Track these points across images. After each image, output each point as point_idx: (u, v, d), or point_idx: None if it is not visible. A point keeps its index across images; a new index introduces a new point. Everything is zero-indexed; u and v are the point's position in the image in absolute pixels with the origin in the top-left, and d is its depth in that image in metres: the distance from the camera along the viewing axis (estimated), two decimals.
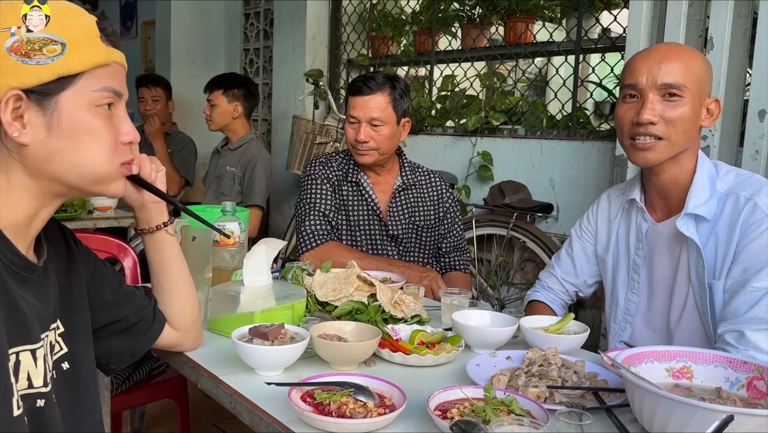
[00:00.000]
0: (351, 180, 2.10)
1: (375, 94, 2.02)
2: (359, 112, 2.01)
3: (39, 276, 0.91)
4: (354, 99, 2.04)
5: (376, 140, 2.02)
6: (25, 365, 0.83)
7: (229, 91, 3.31)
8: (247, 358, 1.16)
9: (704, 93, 1.40)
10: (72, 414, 0.95)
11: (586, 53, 3.00)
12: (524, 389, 1.09)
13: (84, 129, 0.87)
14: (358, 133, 2.01)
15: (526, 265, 3.07)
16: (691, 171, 1.43)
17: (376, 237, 2.09)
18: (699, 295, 1.43)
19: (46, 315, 0.91)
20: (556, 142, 2.92)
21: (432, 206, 2.18)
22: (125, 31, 5.79)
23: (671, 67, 1.37)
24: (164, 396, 2.08)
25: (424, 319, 1.49)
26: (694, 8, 2.22)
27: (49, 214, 0.93)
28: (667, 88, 1.37)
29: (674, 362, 1.13)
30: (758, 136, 2.03)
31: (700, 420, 0.85)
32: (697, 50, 1.44)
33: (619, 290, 1.59)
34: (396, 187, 2.13)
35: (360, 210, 2.09)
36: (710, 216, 1.39)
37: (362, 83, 2.04)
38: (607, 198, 1.66)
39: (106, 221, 2.99)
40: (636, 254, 1.54)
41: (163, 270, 1.19)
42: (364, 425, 0.95)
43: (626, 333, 1.58)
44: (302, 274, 1.57)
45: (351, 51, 4.09)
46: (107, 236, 2.08)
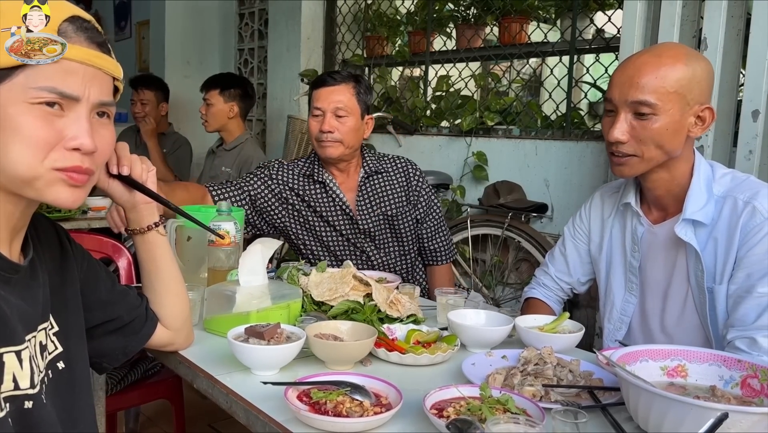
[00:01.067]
0: (317, 180, 2.06)
1: (339, 85, 2.01)
2: (323, 103, 2.00)
3: (24, 276, 0.90)
4: (318, 91, 2.02)
5: (341, 131, 1.99)
6: (9, 366, 0.81)
7: (225, 91, 3.31)
8: (244, 358, 1.16)
9: (691, 101, 1.35)
10: (69, 414, 0.94)
11: (581, 54, 3.02)
12: (520, 388, 1.09)
13: (9, 126, 0.81)
14: (323, 123, 1.99)
15: (521, 265, 3.08)
16: (684, 177, 1.42)
17: (348, 234, 2.06)
18: (698, 299, 1.43)
19: (32, 316, 0.89)
20: (550, 143, 2.93)
21: (402, 192, 2.13)
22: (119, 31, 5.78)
23: (642, 83, 1.34)
24: (159, 397, 2.08)
25: (420, 318, 1.49)
26: (688, 9, 2.23)
27: (22, 213, 0.90)
28: (637, 105, 1.35)
29: (669, 360, 1.14)
30: (752, 137, 2.04)
31: (694, 418, 0.86)
32: (686, 55, 1.36)
33: (614, 291, 1.59)
34: (360, 178, 2.09)
35: (329, 209, 2.06)
36: (708, 221, 1.39)
37: (327, 76, 2.04)
38: (600, 197, 1.66)
39: (100, 222, 2.98)
40: (632, 256, 1.54)
41: (154, 270, 1.19)
42: (361, 424, 0.95)
43: (621, 333, 1.58)
44: (298, 274, 1.57)
45: (346, 51, 4.09)
46: (102, 237, 2.08)
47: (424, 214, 2.16)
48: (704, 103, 1.37)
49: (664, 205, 1.48)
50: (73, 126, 0.85)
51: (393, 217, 2.10)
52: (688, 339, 1.45)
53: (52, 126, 0.84)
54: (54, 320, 0.95)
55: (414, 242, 2.17)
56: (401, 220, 2.11)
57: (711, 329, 1.42)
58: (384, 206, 2.09)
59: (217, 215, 1.55)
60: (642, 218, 1.51)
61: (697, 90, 1.35)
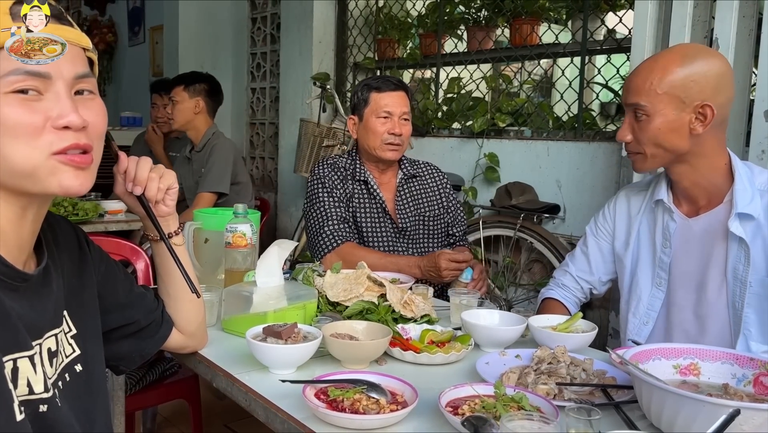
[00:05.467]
0: (358, 179, 2.12)
1: (401, 91, 2.10)
2: (393, 107, 2.06)
3: (36, 284, 0.88)
4: (383, 94, 2.07)
5: (406, 135, 2.08)
6: (23, 371, 0.81)
7: (190, 87, 3.25)
8: (262, 357, 1.18)
9: (688, 100, 1.39)
10: (87, 416, 0.94)
11: (592, 54, 3.02)
12: (534, 386, 1.11)
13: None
14: (395, 126, 2.05)
15: (533, 266, 3.08)
16: (712, 172, 1.46)
17: (385, 233, 2.12)
18: (732, 291, 1.45)
19: (39, 323, 0.88)
20: (562, 144, 2.93)
21: (435, 196, 2.22)
22: (133, 36, 5.85)
23: (633, 85, 1.44)
24: (177, 397, 2.10)
25: (434, 318, 1.51)
26: (700, 9, 2.23)
27: (32, 221, 0.87)
28: (633, 107, 1.45)
29: (681, 359, 1.15)
30: (764, 136, 2.04)
31: (707, 415, 0.87)
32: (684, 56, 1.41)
33: (641, 286, 1.60)
34: (399, 180, 2.17)
35: (369, 208, 2.11)
36: (757, 214, 1.42)
37: (387, 80, 2.10)
38: (625, 196, 1.69)
39: (117, 225, 3.02)
40: (663, 252, 1.55)
41: (169, 276, 1.20)
42: (378, 421, 0.97)
43: (648, 327, 1.58)
44: (313, 275, 1.60)
45: (357, 54, 4.12)
46: (120, 239, 2.11)
47: (452, 219, 2.25)
48: (705, 100, 1.39)
49: (693, 197, 1.51)
50: (55, 106, 0.81)
51: (428, 218, 2.18)
52: (717, 329, 1.47)
53: (34, 110, 0.80)
54: (72, 323, 0.96)
55: (443, 241, 2.24)
56: (435, 222, 2.20)
57: (743, 323, 1.42)
58: (421, 208, 2.18)
59: (234, 218, 1.58)
60: (675, 213, 1.53)
61: (696, 88, 1.39)
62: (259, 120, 4.91)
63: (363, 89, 2.13)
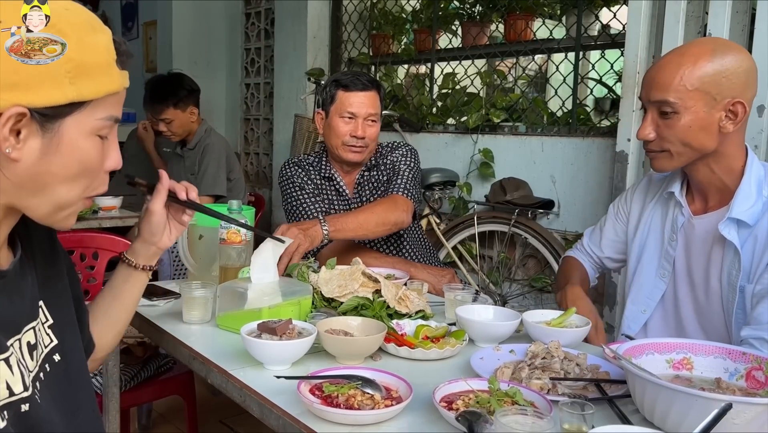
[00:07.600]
0: (324, 176, 2.08)
1: (370, 91, 1.99)
2: (358, 108, 1.96)
3: (12, 278, 0.88)
4: (351, 94, 1.97)
5: (371, 137, 1.99)
6: (1, 375, 0.80)
7: (179, 103, 3.17)
8: (257, 353, 1.18)
9: (719, 96, 1.33)
10: (69, 404, 0.94)
11: (586, 50, 3.03)
12: (527, 381, 1.11)
13: (79, 158, 0.83)
14: (357, 129, 1.96)
15: (527, 261, 3.09)
16: (729, 172, 1.42)
17: None
18: (726, 297, 1.43)
19: (18, 317, 0.87)
20: (556, 139, 2.94)
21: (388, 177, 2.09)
22: (126, 32, 5.82)
23: (663, 82, 1.35)
24: (172, 393, 2.11)
25: (428, 314, 1.51)
26: (693, 5, 2.24)
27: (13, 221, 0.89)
28: (659, 105, 1.37)
29: (674, 353, 1.16)
30: (757, 132, 2.05)
31: (699, 409, 0.87)
32: (712, 51, 1.33)
33: (644, 274, 1.59)
34: (357, 178, 2.09)
35: (336, 204, 2.07)
36: (752, 221, 1.38)
37: (356, 79, 1.99)
38: (647, 181, 1.67)
39: (111, 221, 3.02)
40: (669, 245, 1.54)
41: (122, 303, 1.19)
42: (372, 416, 0.97)
43: (644, 316, 1.58)
44: (308, 271, 1.59)
45: (352, 50, 4.11)
46: (115, 236, 2.10)
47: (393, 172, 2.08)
48: (736, 97, 1.33)
49: (705, 194, 1.48)
50: (113, 149, 0.88)
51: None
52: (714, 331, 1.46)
53: (103, 152, 0.86)
54: (48, 313, 0.95)
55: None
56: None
57: (734, 328, 1.41)
58: (378, 195, 2.08)
59: (228, 213, 1.57)
60: (684, 208, 1.50)
61: (726, 84, 1.32)
62: (254, 116, 4.90)
63: (331, 85, 2.02)
